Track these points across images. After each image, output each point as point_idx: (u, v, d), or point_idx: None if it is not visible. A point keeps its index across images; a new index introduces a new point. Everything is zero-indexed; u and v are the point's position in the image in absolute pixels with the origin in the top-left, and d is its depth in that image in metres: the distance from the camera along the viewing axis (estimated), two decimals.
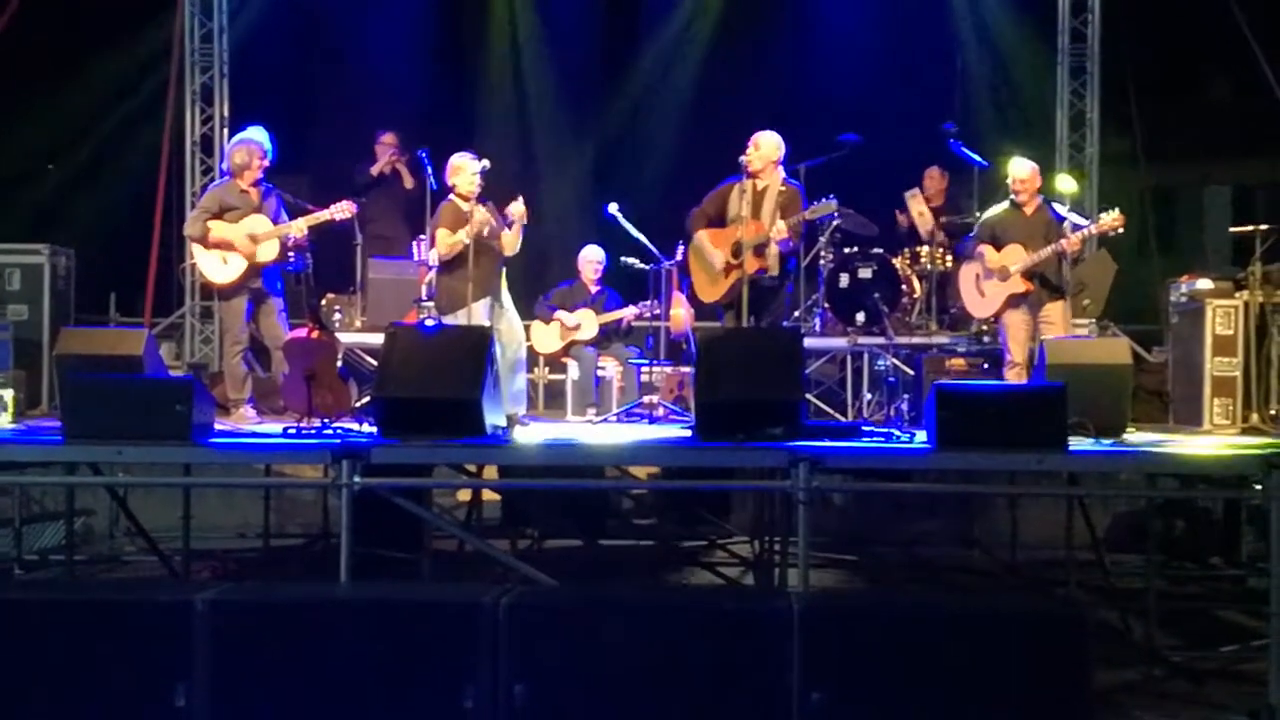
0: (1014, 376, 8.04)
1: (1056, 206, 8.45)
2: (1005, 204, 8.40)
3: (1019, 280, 8.14)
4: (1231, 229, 9.14)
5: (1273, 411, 7.90)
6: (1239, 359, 8.02)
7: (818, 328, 9.86)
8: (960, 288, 8.69)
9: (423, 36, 12.12)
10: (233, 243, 8.08)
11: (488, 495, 8.35)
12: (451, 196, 8.03)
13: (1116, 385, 6.97)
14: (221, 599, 5.03)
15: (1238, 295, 8.12)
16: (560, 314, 9.64)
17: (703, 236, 8.26)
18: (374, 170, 10.79)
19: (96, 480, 7.55)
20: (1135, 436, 7.01)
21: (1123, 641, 6.63)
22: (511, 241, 8.02)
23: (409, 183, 10.62)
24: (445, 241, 7.91)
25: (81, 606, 5.14)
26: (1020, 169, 8.37)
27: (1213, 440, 7.42)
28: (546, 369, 9.89)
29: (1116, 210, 8.02)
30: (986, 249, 8.31)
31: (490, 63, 12.50)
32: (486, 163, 8.00)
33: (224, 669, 4.91)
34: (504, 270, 8.11)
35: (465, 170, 7.98)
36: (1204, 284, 8.33)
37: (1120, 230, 8.04)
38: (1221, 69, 13.23)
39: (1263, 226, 8.20)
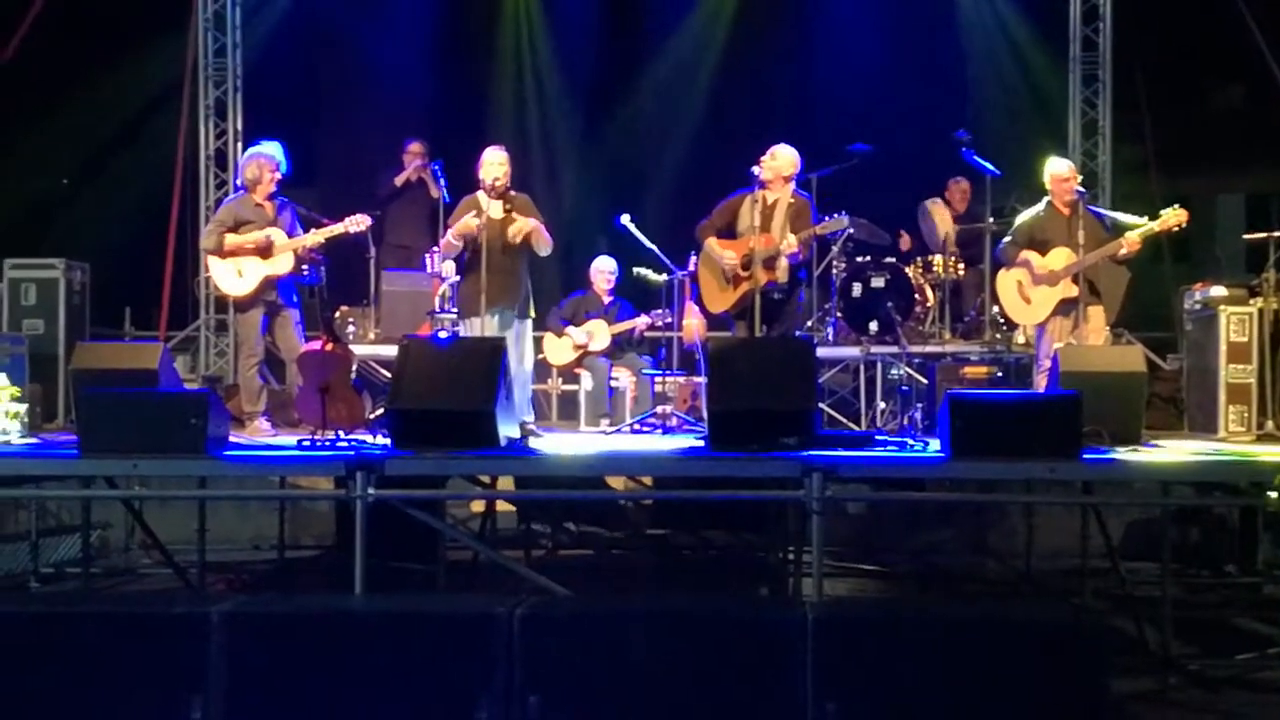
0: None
1: (1095, 206, 8.25)
2: (1041, 206, 8.20)
3: (1070, 284, 7.93)
4: (1245, 236, 9.09)
5: None
6: (1254, 366, 7.98)
7: (831, 337, 9.88)
8: (1000, 296, 8.44)
9: (435, 49, 12.14)
10: (248, 255, 8.12)
11: (501, 506, 8.34)
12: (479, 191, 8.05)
13: (1131, 393, 6.94)
14: (237, 611, 5.05)
15: (1252, 302, 8.09)
16: (570, 330, 9.64)
17: (713, 243, 8.26)
18: (398, 180, 10.81)
19: (112, 494, 7.57)
20: (1150, 444, 6.99)
21: (1138, 650, 6.59)
22: (538, 241, 7.91)
23: (435, 192, 10.63)
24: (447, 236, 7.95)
25: (97, 619, 5.15)
26: (1058, 168, 8.19)
27: (1228, 447, 7.40)
28: (559, 380, 9.90)
29: (1177, 205, 7.86)
30: (1031, 254, 8.06)
31: (502, 74, 12.53)
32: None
33: (239, 681, 4.92)
34: (527, 288, 8.04)
35: (485, 163, 7.99)
36: (1218, 291, 8.29)
37: (1183, 225, 7.83)
38: (1234, 76, 13.19)
39: (1276, 234, 8.18)
